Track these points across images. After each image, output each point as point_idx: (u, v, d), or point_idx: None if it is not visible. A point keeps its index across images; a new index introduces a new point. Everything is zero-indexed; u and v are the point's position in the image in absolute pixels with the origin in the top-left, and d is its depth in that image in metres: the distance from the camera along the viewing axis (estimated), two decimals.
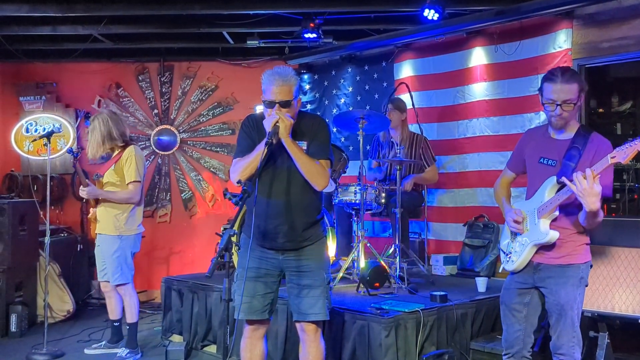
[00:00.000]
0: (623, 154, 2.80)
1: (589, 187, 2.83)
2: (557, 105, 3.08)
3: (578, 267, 3.15)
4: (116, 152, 5.04)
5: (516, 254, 3.25)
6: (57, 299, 6.37)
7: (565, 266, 3.13)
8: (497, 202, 3.51)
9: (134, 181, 4.96)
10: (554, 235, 3.09)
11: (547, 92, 3.12)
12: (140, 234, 5.16)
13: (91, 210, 5.13)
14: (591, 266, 3.26)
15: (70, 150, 4.97)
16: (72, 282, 6.63)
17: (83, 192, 4.91)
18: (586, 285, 3.22)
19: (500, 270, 3.45)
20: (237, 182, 3.14)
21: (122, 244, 4.97)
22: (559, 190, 3.09)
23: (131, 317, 5.07)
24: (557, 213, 3.10)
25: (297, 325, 3.43)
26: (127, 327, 5.10)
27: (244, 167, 3.22)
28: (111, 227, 4.95)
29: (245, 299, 3.31)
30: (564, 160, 3.11)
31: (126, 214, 4.99)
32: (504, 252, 3.38)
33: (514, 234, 3.30)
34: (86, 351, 5.23)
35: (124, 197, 4.95)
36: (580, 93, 3.08)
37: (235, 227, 3.67)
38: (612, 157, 2.83)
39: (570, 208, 3.10)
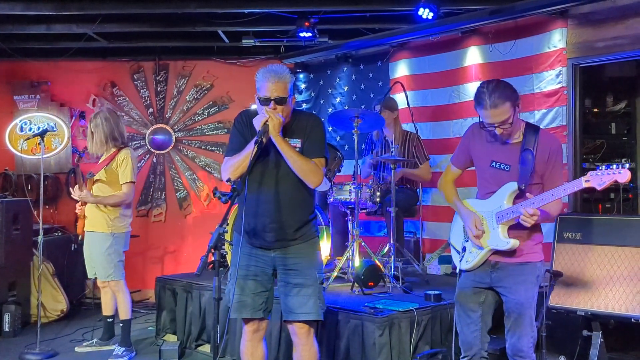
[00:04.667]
0: (599, 180, 2.79)
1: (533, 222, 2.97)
2: (495, 127, 3.08)
3: (535, 265, 3.18)
4: (111, 152, 5.03)
5: (471, 254, 3.25)
6: (50, 299, 6.34)
7: (524, 264, 3.15)
8: (448, 201, 3.48)
9: (129, 182, 4.97)
10: (515, 243, 3.11)
11: (481, 116, 3.11)
12: (129, 232, 5.15)
13: (79, 206, 5.10)
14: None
15: (75, 150, 4.89)
16: (66, 282, 6.61)
17: (76, 194, 4.90)
18: (540, 285, 3.25)
19: (457, 271, 3.42)
20: (227, 181, 3.13)
21: (114, 241, 4.97)
22: (517, 195, 3.10)
23: (125, 314, 5.07)
24: (516, 221, 3.10)
25: (289, 327, 3.39)
26: (121, 325, 5.09)
27: (235, 165, 3.21)
28: (103, 225, 4.94)
29: (236, 297, 3.29)
30: (520, 166, 3.11)
31: (118, 212, 4.99)
32: (457, 251, 3.37)
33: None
34: (77, 349, 5.22)
35: (118, 200, 4.94)
36: (515, 107, 3.06)
37: (228, 226, 3.66)
38: (586, 182, 2.83)
39: None
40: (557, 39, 5.35)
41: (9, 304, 5.87)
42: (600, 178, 2.78)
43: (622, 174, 2.73)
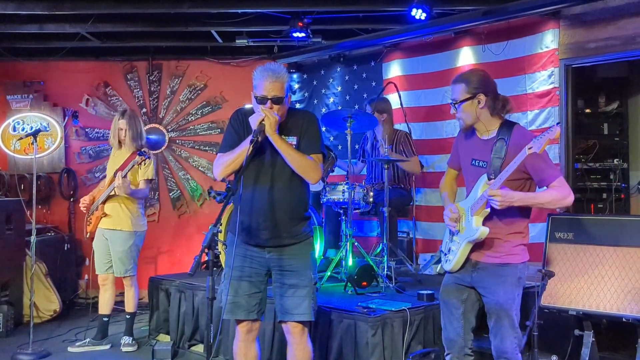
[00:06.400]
0: (539, 144, 2.88)
1: (503, 202, 2.97)
2: (452, 105, 3.25)
3: (515, 267, 3.16)
4: (131, 151, 5.18)
5: (452, 253, 3.26)
6: (43, 299, 6.33)
7: (504, 265, 3.15)
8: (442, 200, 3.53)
9: (150, 179, 5.24)
10: (484, 230, 3.09)
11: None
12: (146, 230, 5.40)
13: (98, 205, 5.20)
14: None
15: (142, 154, 4.96)
16: (59, 282, 6.59)
17: (119, 181, 4.96)
18: (524, 286, 3.24)
19: (442, 272, 3.44)
20: (222, 180, 3.13)
21: (136, 239, 5.21)
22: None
23: (134, 307, 5.32)
24: (488, 210, 3.10)
25: (283, 326, 3.40)
26: (127, 317, 5.29)
27: (228, 163, 3.21)
28: (128, 223, 5.16)
29: (230, 299, 3.29)
30: (492, 155, 3.15)
31: (140, 211, 5.25)
32: (443, 253, 3.40)
33: (451, 234, 3.32)
34: (70, 349, 5.22)
35: (143, 194, 5.23)
36: (474, 92, 3.18)
37: (222, 226, 3.65)
38: (529, 148, 2.91)
39: (505, 209, 3.07)
40: (549, 40, 5.38)
41: (1, 304, 5.86)
42: (539, 142, 2.88)
43: (552, 131, 2.87)
